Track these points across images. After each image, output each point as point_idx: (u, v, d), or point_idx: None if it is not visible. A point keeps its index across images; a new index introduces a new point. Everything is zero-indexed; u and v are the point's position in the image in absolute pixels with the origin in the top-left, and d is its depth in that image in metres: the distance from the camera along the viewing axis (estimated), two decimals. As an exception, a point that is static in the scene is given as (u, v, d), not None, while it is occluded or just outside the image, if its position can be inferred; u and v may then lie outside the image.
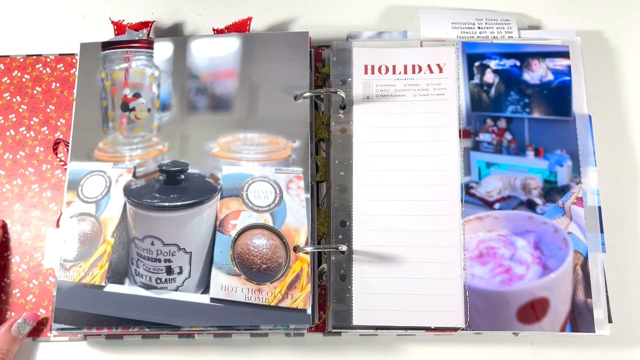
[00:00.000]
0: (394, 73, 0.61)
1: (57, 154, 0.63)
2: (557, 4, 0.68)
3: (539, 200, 0.57)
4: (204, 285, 0.55)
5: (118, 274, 0.56)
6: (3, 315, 0.58)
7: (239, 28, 0.64)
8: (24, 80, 0.65)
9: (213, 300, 0.54)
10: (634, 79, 0.65)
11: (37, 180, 0.62)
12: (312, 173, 0.58)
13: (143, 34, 0.63)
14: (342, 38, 0.65)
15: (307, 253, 0.55)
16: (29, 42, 0.67)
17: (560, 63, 0.61)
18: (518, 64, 0.61)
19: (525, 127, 0.59)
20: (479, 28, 0.64)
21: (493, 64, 0.61)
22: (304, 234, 0.56)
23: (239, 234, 0.56)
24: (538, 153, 0.58)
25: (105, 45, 0.62)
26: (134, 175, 0.58)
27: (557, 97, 0.60)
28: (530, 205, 0.57)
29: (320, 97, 0.62)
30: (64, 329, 0.54)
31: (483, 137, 0.59)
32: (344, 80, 0.61)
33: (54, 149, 0.63)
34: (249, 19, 0.64)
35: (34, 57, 0.66)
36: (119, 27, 0.64)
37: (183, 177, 0.58)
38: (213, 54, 0.62)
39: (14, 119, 0.64)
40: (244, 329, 0.55)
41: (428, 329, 0.55)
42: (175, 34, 0.68)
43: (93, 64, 0.62)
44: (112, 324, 0.54)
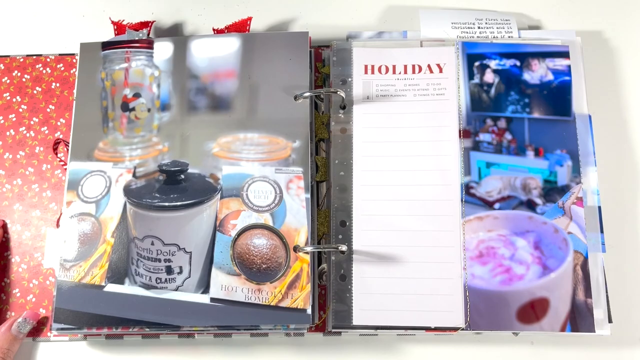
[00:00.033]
0: (394, 73, 0.61)
1: (57, 154, 0.63)
2: (557, 4, 0.68)
3: (539, 200, 0.57)
4: (204, 285, 0.55)
5: (118, 274, 0.56)
6: (3, 315, 0.58)
7: (239, 28, 0.64)
8: (24, 80, 0.65)
9: (213, 300, 0.54)
10: (634, 79, 0.65)
11: (37, 180, 0.62)
12: (312, 173, 0.58)
13: (143, 34, 0.63)
14: (342, 38, 0.65)
15: (307, 253, 0.55)
16: (29, 42, 0.67)
17: (560, 63, 0.61)
18: (518, 64, 0.61)
19: (525, 127, 0.59)
20: (479, 28, 0.64)
21: (493, 64, 0.61)
22: (304, 234, 0.56)
23: (239, 234, 0.56)
24: (538, 153, 0.58)
25: (105, 45, 0.62)
26: (134, 175, 0.58)
27: (557, 97, 0.60)
28: (530, 205, 0.57)
29: (320, 97, 0.62)
30: (64, 329, 0.55)
31: (483, 137, 0.59)
32: (344, 80, 0.61)
33: (54, 149, 0.63)
34: (249, 19, 0.64)
35: (34, 57, 0.66)
36: (119, 27, 0.64)
37: (183, 177, 0.58)
38: (213, 54, 0.62)
39: (14, 119, 0.64)
40: (244, 329, 0.55)
41: (428, 329, 0.55)
42: (175, 34, 0.68)
43: (93, 64, 0.62)
44: (112, 324, 0.54)
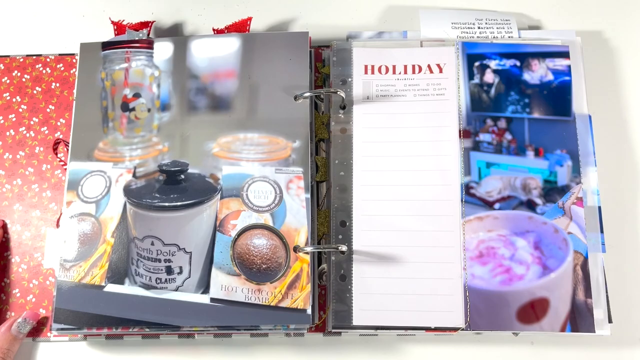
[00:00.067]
0: (394, 73, 0.61)
1: (57, 154, 0.63)
2: (557, 4, 0.68)
3: (539, 200, 0.57)
4: (204, 285, 0.55)
5: (118, 274, 0.56)
6: (3, 315, 0.58)
7: (239, 28, 0.64)
8: (24, 80, 0.65)
9: (213, 300, 0.54)
10: (634, 79, 0.65)
11: (37, 180, 0.62)
12: (312, 173, 0.58)
13: (143, 34, 0.63)
14: (342, 38, 0.65)
15: (307, 253, 0.55)
16: (29, 42, 0.67)
17: (560, 63, 0.61)
18: (518, 64, 0.61)
19: (525, 127, 0.59)
20: (479, 28, 0.64)
21: (493, 64, 0.61)
22: (304, 234, 0.56)
23: (239, 234, 0.56)
24: (538, 153, 0.58)
25: (105, 45, 0.62)
26: (134, 175, 0.58)
27: (557, 97, 0.60)
28: (530, 205, 0.57)
29: (320, 97, 0.62)
30: (64, 329, 0.54)
31: (483, 137, 0.59)
32: (344, 80, 0.61)
33: (54, 149, 0.63)
34: (249, 19, 0.64)
35: (34, 57, 0.66)
36: (119, 27, 0.64)
37: (183, 177, 0.58)
38: (213, 54, 0.62)
39: (14, 119, 0.64)
40: (244, 329, 0.55)
41: (428, 329, 0.55)
42: (175, 34, 0.68)
43: (93, 64, 0.62)
44: (112, 324, 0.54)
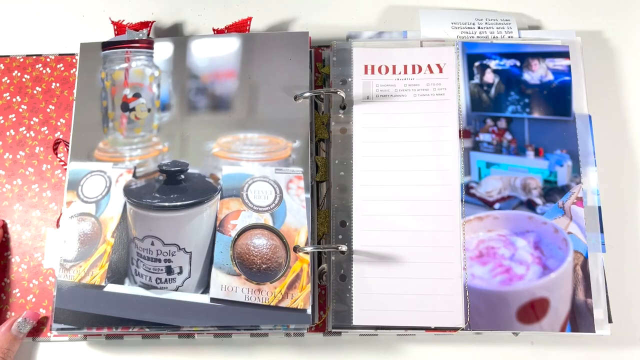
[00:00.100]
0: (394, 73, 0.61)
1: (57, 154, 0.63)
2: (557, 4, 0.68)
3: (539, 200, 0.57)
4: (204, 285, 0.55)
5: (118, 274, 0.56)
6: (3, 315, 0.58)
7: (239, 28, 0.64)
8: (24, 80, 0.65)
9: (213, 300, 0.54)
10: (634, 79, 0.65)
11: (37, 180, 0.62)
12: (312, 173, 0.58)
13: (143, 34, 0.63)
14: (342, 38, 0.65)
15: (307, 253, 0.55)
16: (29, 42, 0.67)
17: (560, 63, 0.61)
18: (518, 64, 0.61)
19: (525, 127, 0.59)
20: (479, 28, 0.64)
21: (493, 64, 0.61)
22: (304, 234, 0.56)
23: (239, 234, 0.56)
24: (538, 153, 0.58)
25: (105, 45, 0.62)
26: (134, 175, 0.58)
27: (557, 97, 0.60)
28: (530, 205, 0.57)
29: (320, 97, 0.62)
30: (64, 329, 0.54)
31: (483, 137, 0.59)
32: (344, 80, 0.61)
33: (54, 149, 0.63)
34: (249, 19, 0.64)
35: (34, 57, 0.66)
36: (119, 27, 0.64)
37: (183, 177, 0.58)
38: (213, 54, 0.62)
39: (14, 119, 0.64)
40: (244, 329, 0.55)
41: (428, 329, 0.55)
42: (175, 34, 0.68)
43: (93, 64, 0.62)
44: (112, 324, 0.54)
